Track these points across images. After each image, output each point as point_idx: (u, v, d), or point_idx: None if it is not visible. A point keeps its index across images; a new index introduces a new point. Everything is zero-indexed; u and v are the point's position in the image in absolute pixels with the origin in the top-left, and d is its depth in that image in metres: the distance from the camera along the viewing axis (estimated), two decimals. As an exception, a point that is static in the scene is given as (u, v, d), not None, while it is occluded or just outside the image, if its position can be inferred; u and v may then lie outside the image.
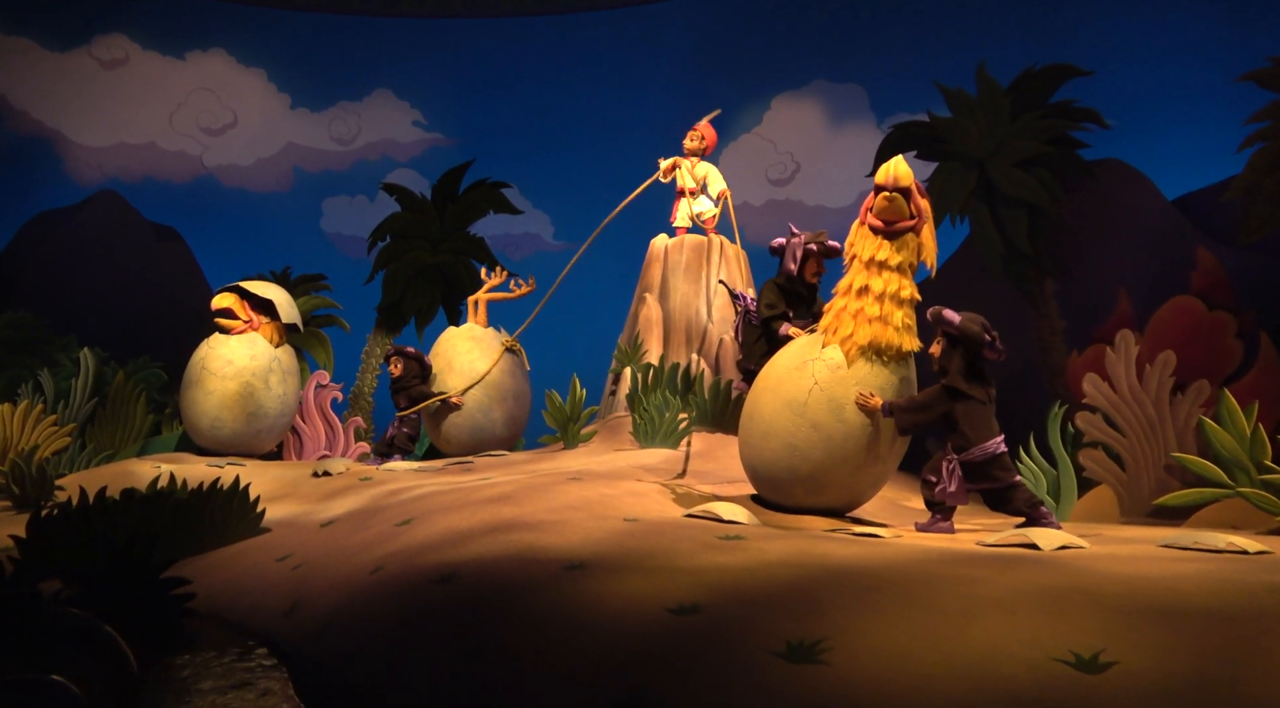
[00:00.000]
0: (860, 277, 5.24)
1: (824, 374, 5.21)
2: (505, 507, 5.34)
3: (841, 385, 5.15)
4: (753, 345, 6.11)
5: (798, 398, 5.24)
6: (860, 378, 5.15)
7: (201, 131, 14.28)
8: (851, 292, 5.22)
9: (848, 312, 5.20)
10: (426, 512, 5.74)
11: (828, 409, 5.16)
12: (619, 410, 8.54)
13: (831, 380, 5.18)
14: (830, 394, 5.16)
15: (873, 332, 5.12)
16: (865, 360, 5.13)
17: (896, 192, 5.14)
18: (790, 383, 5.32)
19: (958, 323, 4.97)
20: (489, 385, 8.81)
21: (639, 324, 8.83)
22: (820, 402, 5.18)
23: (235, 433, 8.89)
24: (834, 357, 5.21)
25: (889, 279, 5.16)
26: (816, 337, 5.41)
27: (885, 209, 5.21)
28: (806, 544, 3.92)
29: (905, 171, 5.18)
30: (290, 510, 7.11)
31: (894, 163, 5.21)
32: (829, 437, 5.17)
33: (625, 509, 5.26)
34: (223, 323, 8.96)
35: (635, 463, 7.21)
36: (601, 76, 14.37)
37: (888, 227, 5.20)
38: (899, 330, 5.15)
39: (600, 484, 5.94)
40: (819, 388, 5.19)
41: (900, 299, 5.17)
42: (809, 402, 5.20)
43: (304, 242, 13.86)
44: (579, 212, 14.45)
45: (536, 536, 4.48)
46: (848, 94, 13.02)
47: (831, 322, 5.28)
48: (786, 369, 5.40)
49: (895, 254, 5.18)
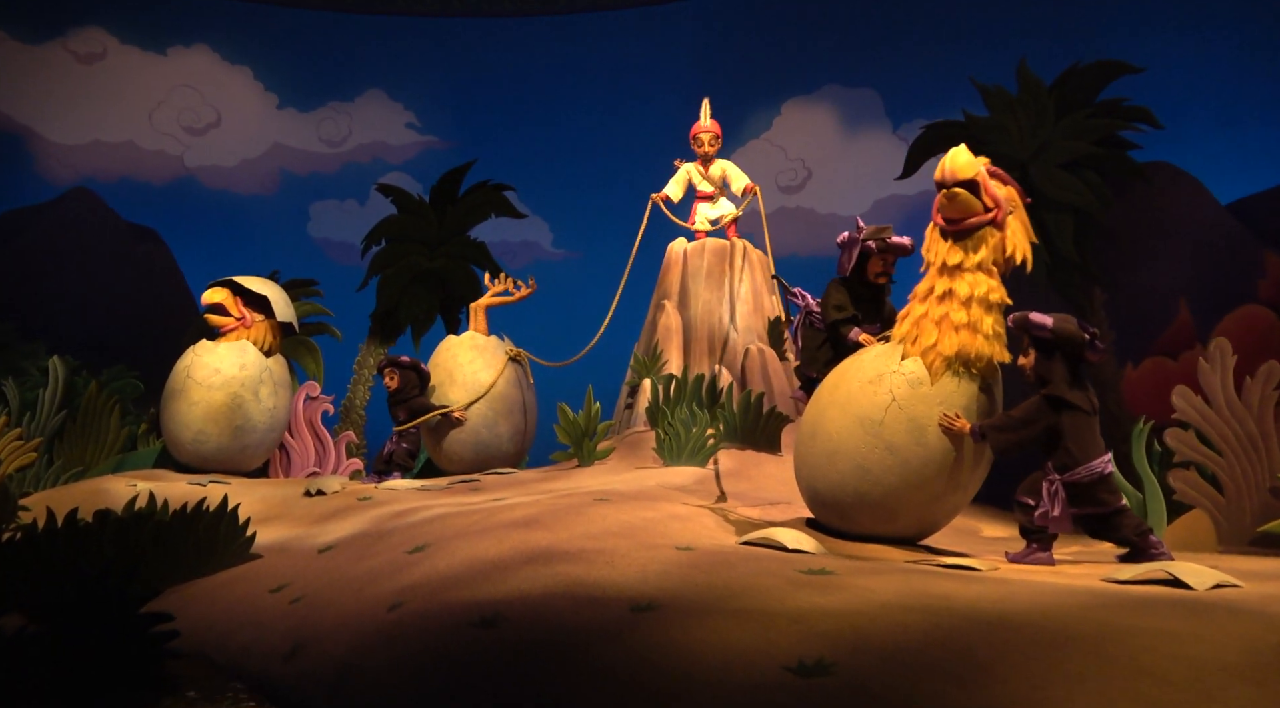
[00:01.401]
0: (940, 282, 4.68)
1: (903, 390, 4.62)
2: (535, 532, 4.72)
3: (923, 404, 4.57)
4: (815, 351, 5.48)
5: (872, 416, 4.66)
6: (945, 397, 4.58)
7: (183, 131, 13.58)
8: (931, 297, 4.66)
9: (929, 318, 4.62)
10: (442, 537, 5.11)
11: (906, 430, 4.58)
12: (638, 425, 7.94)
13: (912, 398, 4.60)
14: (910, 413, 4.58)
15: (960, 340, 4.54)
16: (951, 375, 4.56)
17: (957, 186, 4.59)
18: (863, 398, 4.74)
19: (1051, 325, 4.44)
20: (494, 398, 8.18)
21: (657, 333, 8.25)
22: (898, 421, 4.60)
23: (220, 448, 8.20)
24: (914, 370, 4.63)
25: (974, 281, 4.60)
26: (892, 347, 4.83)
27: (946, 207, 4.66)
28: (914, 582, 3.33)
29: (965, 162, 4.60)
30: (282, 534, 6.45)
31: (950, 155, 4.65)
32: (905, 461, 4.60)
33: (673, 536, 4.66)
34: (213, 319, 8.29)
35: (663, 483, 6.61)
36: (604, 80, 13.85)
37: (955, 225, 4.66)
38: (990, 339, 4.59)
39: (636, 507, 5.34)
40: (897, 406, 4.61)
41: (989, 303, 4.60)
42: (885, 421, 4.62)
43: (290, 247, 13.18)
44: (579, 219, 13.90)
45: (584, 568, 3.87)
46: (861, 99, 12.58)
47: (910, 330, 4.70)
48: (859, 382, 4.82)
49: (971, 255, 4.63)
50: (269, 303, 8.40)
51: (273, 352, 8.47)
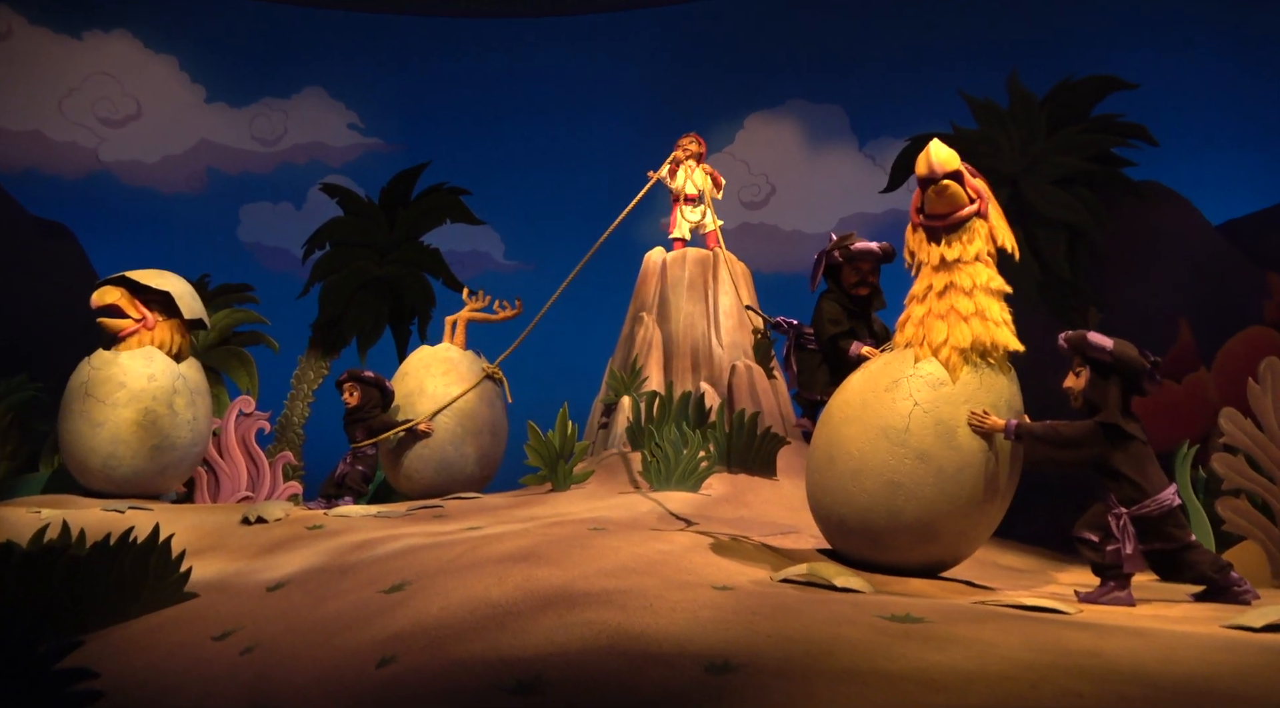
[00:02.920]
0: (937, 278, 4.41)
1: (925, 393, 4.27)
2: (540, 569, 4.08)
3: (948, 404, 4.23)
4: (814, 373, 5.04)
5: (895, 424, 4.26)
6: (969, 394, 4.25)
7: (98, 121, 12.44)
8: (931, 294, 4.37)
9: (934, 315, 4.33)
10: (422, 573, 4.43)
11: (935, 434, 4.22)
12: (617, 446, 7.33)
13: (935, 399, 4.25)
14: (936, 416, 4.22)
15: (973, 330, 4.27)
16: (971, 370, 4.25)
17: (946, 178, 4.33)
18: (881, 407, 4.33)
19: (1112, 348, 4.09)
20: (464, 414, 7.47)
21: (636, 347, 7.68)
22: (925, 426, 4.23)
23: (136, 471, 7.26)
24: (933, 371, 4.29)
25: (974, 271, 4.35)
26: (900, 353, 4.45)
27: (935, 201, 4.38)
28: (1037, 634, 2.83)
29: (947, 155, 4.38)
30: (220, 568, 5.62)
31: (931, 149, 4.40)
32: (940, 469, 4.21)
33: (701, 573, 4.09)
34: (108, 324, 7.29)
35: (655, 509, 6.03)
36: (560, 87, 13.28)
37: (943, 220, 4.38)
38: (1001, 325, 4.31)
39: (642, 538, 4.75)
40: (921, 410, 4.24)
41: (991, 290, 4.36)
42: (911, 427, 4.23)
43: (218, 251, 12.14)
44: (533, 230, 13.23)
45: (621, 615, 3.25)
46: (826, 114, 12.32)
47: (916, 331, 4.38)
48: (872, 392, 4.40)
49: (967, 246, 4.38)
50: (172, 299, 7.40)
51: (183, 355, 7.51)
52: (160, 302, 7.45)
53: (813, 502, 4.71)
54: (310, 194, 12.97)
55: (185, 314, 7.50)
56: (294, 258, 12.54)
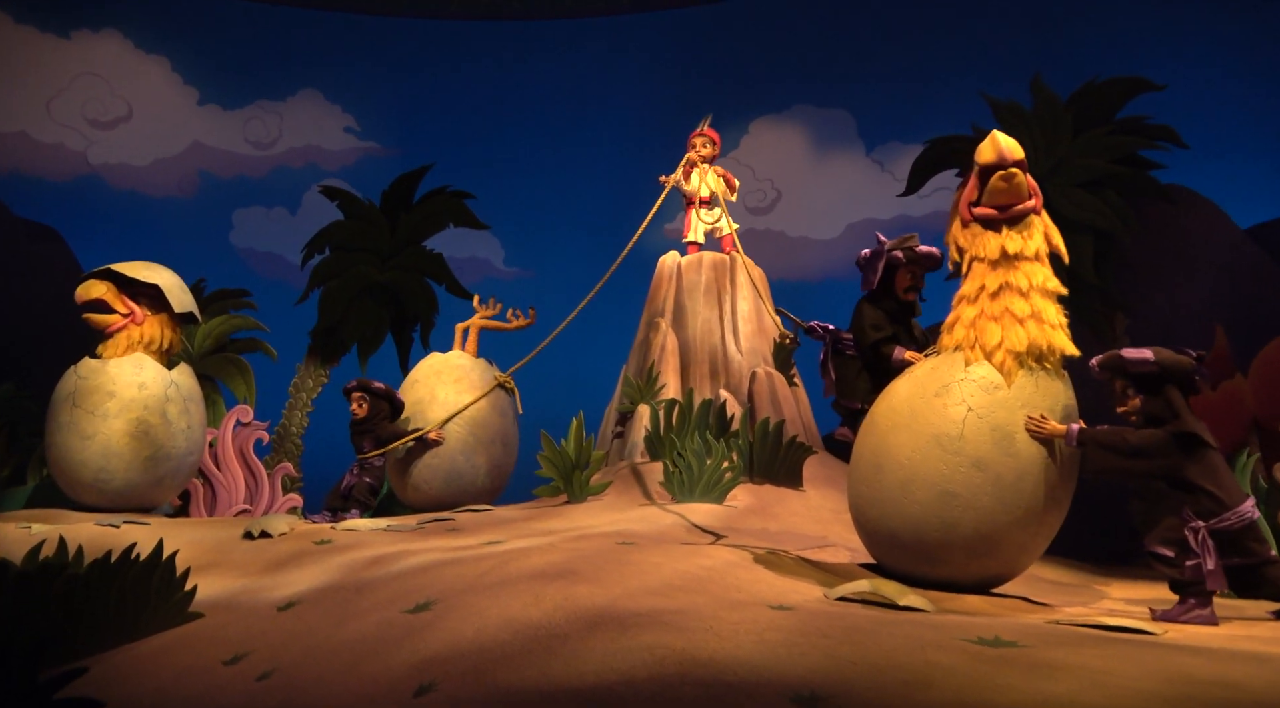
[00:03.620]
0: (991, 276, 4.18)
1: (978, 397, 4.06)
2: (577, 586, 3.82)
3: (1004, 409, 4.03)
4: (854, 380, 4.83)
5: (949, 431, 4.05)
6: (1026, 399, 4.05)
7: (87, 123, 12.12)
8: (984, 295, 4.16)
9: (986, 316, 4.12)
10: (448, 592, 4.16)
11: (992, 441, 4.01)
12: (634, 456, 7.07)
13: (990, 404, 4.04)
14: (993, 422, 4.02)
15: (1029, 333, 4.07)
16: (1027, 374, 4.04)
17: (1015, 166, 4.13)
18: (932, 413, 4.12)
19: (1153, 357, 3.91)
20: (475, 424, 7.21)
21: (652, 353, 7.43)
22: (980, 432, 4.02)
23: (130, 484, 6.94)
24: (986, 374, 4.08)
25: (1031, 270, 4.15)
26: (949, 356, 4.24)
27: (1004, 191, 4.16)
28: (1153, 660, 2.61)
29: (1014, 142, 4.19)
30: (225, 586, 5.33)
31: (997, 136, 4.20)
32: (998, 477, 4.00)
33: (752, 590, 3.84)
34: (94, 319, 6.97)
35: (681, 522, 5.79)
36: (562, 91, 13.06)
37: (1008, 211, 4.17)
38: (1057, 329, 4.12)
39: (680, 553, 4.50)
40: (975, 415, 4.03)
41: (1048, 291, 4.15)
42: (965, 434, 4.03)
43: (210, 257, 11.81)
44: (533, 236, 12.99)
45: (681, 638, 3.00)
46: (833, 120, 12.15)
47: (967, 333, 4.16)
48: (921, 398, 4.19)
49: (1029, 242, 4.17)
50: (161, 293, 7.06)
51: (174, 350, 7.20)
52: (149, 295, 7.12)
53: (857, 514, 4.48)
54: (305, 199, 12.68)
55: (175, 308, 7.16)
56: (288, 264, 12.24)
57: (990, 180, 4.13)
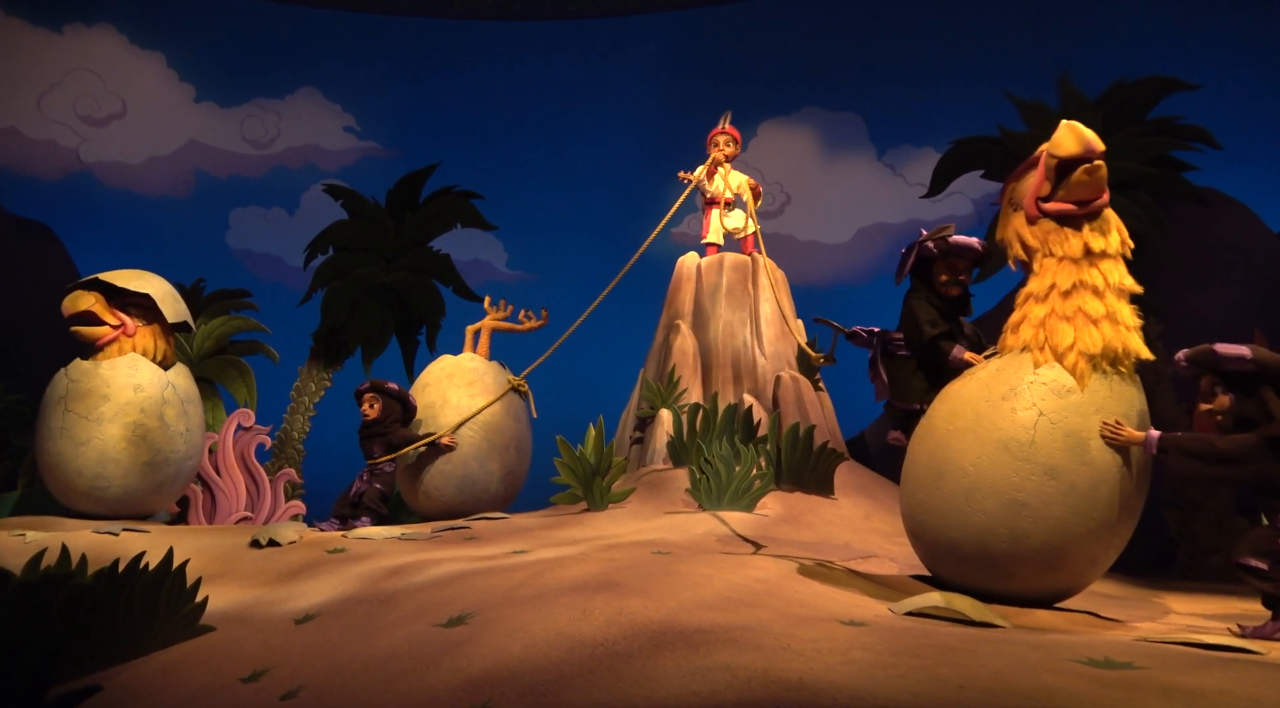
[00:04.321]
0: (1064, 274, 3.96)
1: (1050, 401, 3.84)
2: (627, 600, 3.58)
3: (1078, 414, 3.82)
4: (909, 380, 4.57)
5: (1018, 436, 3.83)
6: (1100, 404, 3.83)
7: (80, 120, 11.83)
8: (1055, 293, 3.93)
9: (1058, 316, 3.89)
10: (483, 604, 3.91)
11: (1065, 448, 3.80)
12: (656, 462, 6.84)
13: (1062, 409, 3.83)
14: (1066, 427, 3.81)
15: (1104, 335, 3.86)
16: (1100, 377, 3.84)
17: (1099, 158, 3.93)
18: (999, 417, 3.90)
19: (1251, 355, 3.72)
20: (490, 429, 6.96)
21: (673, 357, 7.20)
22: (1053, 438, 3.81)
23: (128, 491, 6.63)
24: (1057, 377, 3.86)
25: (1108, 269, 3.96)
26: (1015, 357, 4.02)
27: (1088, 185, 3.94)
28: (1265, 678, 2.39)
29: (1094, 133, 3.97)
30: (235, 597, 5.04)
31: (1076, 126, 3.97)
32: (1071, 486, 3.80)
33: (816, 605, 3.61)
34: (83, 332, 6.64)
35: (712, 531, 5.55)
36: (567, 93, 12.87)
37: (1089, 206, 3.97)
38: (1132, 331, 3.93)
39: (726, 564, 4.26)
40: (1048, 420, 3.82)
41: (1124, 290, 3.97)
42: (1036, 440, 3.82)
43: (205, 258, 11.53)
44: (537, 239, 12.77)
45: (760, 658, 2.77)
46: (843, 123, 12.02)
47: (1036, 334, 3.93)
48: (987, 401, 3.97)
49: (1108, 239, 4.00)
50: (153, 302, 6.78)
51: (168, 362, 6.89)
52: (139, 305, 6.81)
53: (913, 523, 4.26)
54: (304, 199, 12.43)
55: (168, 317, 6.86)
56: (286, 266, 11.98)
57: (1073, 173, 3.90)
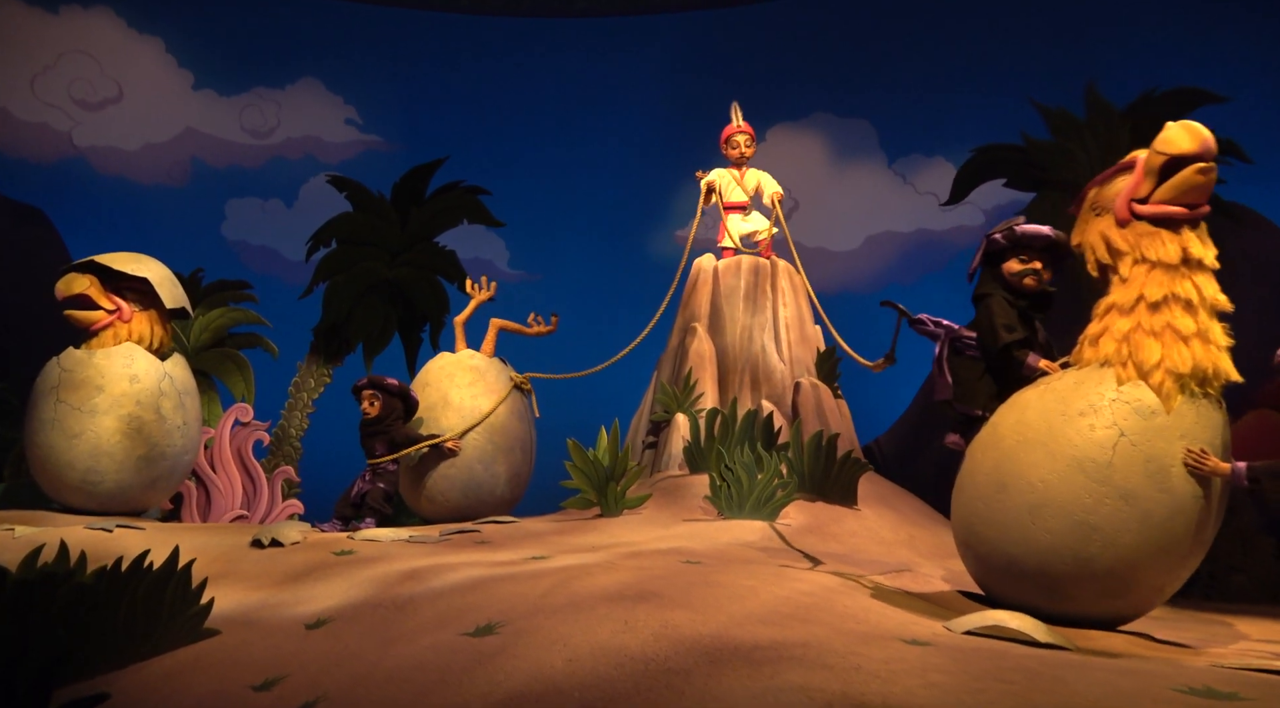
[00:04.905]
0: (1155, 285, 3.71)
1: (1132, 422, 3.63)
2: (671, 612, 3.38)
3: (1161, 439, 3.61)
4: (975, 383, 4.36)
5: (1096, 457, 3.64)
6: (1186, 429, 3.62)
7: (74, 103, 11.52)
8: (1142, 305, 3.70)
9: (1144, 330, 3.66)
10: (512, 614, 3.70)
11: (1144, 473, 3.60)
12: (672, 468, 6.64)
13: (1145, 431, 3.62)
14: (1148, 451, 3.60)
15: (1194, 354, 3.63)
16: (1187, 400, 3.63)
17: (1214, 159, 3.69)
18: (1075, 434, 3.71)
19: None
20: (494, 430, 6.72)
21: (689, 360, 7.02)
22: (1132, 461, 3.61)
23: (121, 486, 6.37)
24: (1142, 397, 3.65)
25: (1203, 282, 3.72)
26: (1093, 370, 3.82)
27: (1200, 187, 3.70)
28: None
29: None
30: (238, 599, 4.80)
31: (1191, 124, 3.73)
32: (1146, 514, 3.60)
33: (871, 621, 3.43)
34: (77, 316, 6.37)
35: (736, 540, 5.36)
36: (573, 92, 12.68)
37: (1195, 210, 3.75)
38: (1223, 351, 3.70)
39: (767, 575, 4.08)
40: (1129, 442, 3.62)
41: (1217, 307, 3.74)
42: (1115, 462, 3.62)
43: (200, 248, 11.24)
44: (539, 238, 12.56)
45: (831, 679, 2.59)
46: (854, 129, 11.90)
47: (1118, 348, 3.72)
48: (1062, 415, 3.78)
49: (1206, 246, 3.77)
50: (150, 287, 6.51)
51: (165, 350, 6.62)
52: (136, 290, 6.53)
53: (967, 534, 4.07)
54: (303, 191, 12.18)
55: (166, 303, 6.58)
56: (283, 259, 11.72)
57: (1184, 173, 3.65)
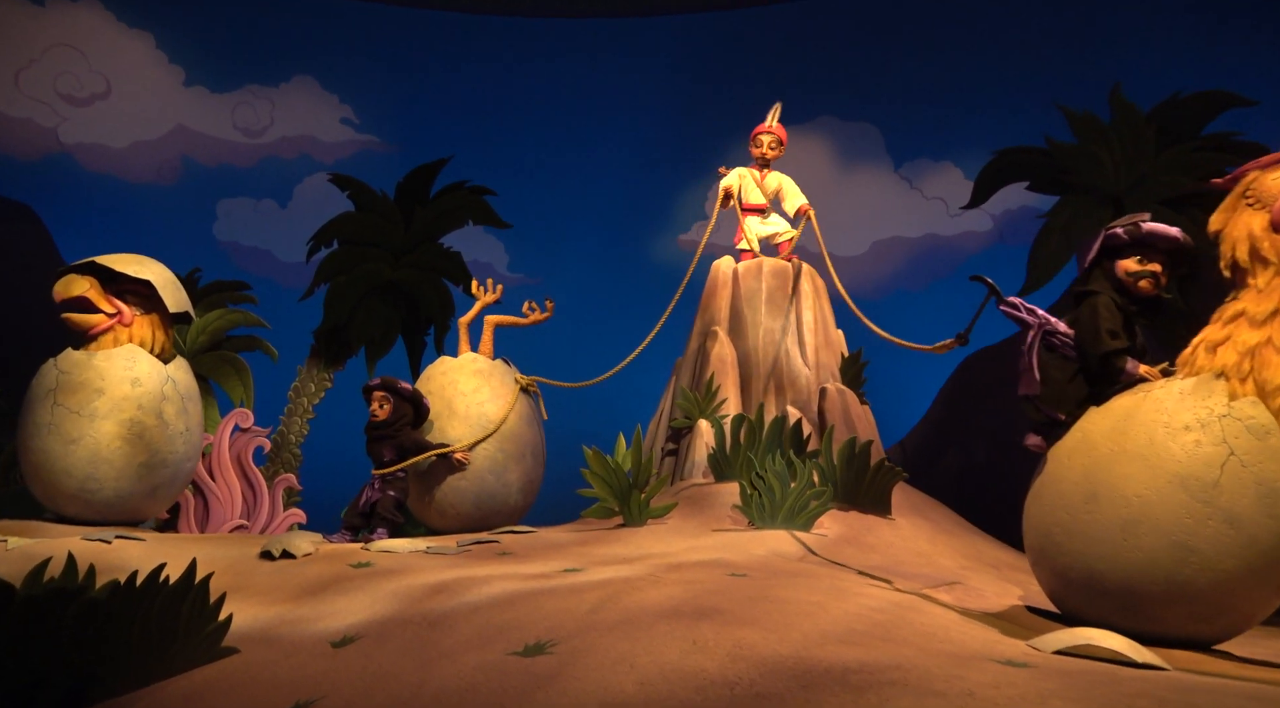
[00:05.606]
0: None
1: (1244, 442, 3.40)
2: (740, 630, 3.17)
3: (1275, 461, 3.37)
4: (1066, 385, 4.09)
5: (1200, 475, 3.41)
6: None
7: (60, 99, 11.17)
8: (1277, 321, 3.45)
9: (1273, 347, 3.41)
10: (561, 632, 3.47)
11: (1255, 496, 3.36)
12: (695, 475, 6.43)
13: (1259, 453, 3.38)
14: (1259, 474, 3.37)
15: None
16: None
17: None
18: (1179, 449, 3.48)
19: None
20: (504, 437, 6.47)
21: (711, 365, 6.81)
22: (1242, 484, 3.38)
23: (120, 495, 6.08)
24: (1256, 416, 3.42)
25: None
26: (1210, 383, 3.55)
27: None
28: None
29: None
30: (255, 615, 4.53)
31: None
32: (1252, 539, 3.37)
33: (953, 640, 3.22)
34: (75, 319, 6.13)
35: (775, 551, 5.15)
36: (575, 94, 12.49)
37: None
38: None
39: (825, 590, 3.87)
40: (1239, 462, 3.39)
41: None
42: (1223, 482, 3.39)
43: (191, 249, 10.91)
44: (539, 241, 12.33)
45: (942, 706, 2.37)
46: (859, 133, 11.78)
47: (1238, 362, 3.48)
48: (1165, 428, 3.53)
49: None
50: (153, 290, 6.29)
51: (167, 356, 6.38)
52: (137, 293, 6.30)
53: (1044, 541, 3.86)
54: (297, 192, 11.88)
55: (170, 307, 6.33)
56: (276, 260, 11.43)
57: None
